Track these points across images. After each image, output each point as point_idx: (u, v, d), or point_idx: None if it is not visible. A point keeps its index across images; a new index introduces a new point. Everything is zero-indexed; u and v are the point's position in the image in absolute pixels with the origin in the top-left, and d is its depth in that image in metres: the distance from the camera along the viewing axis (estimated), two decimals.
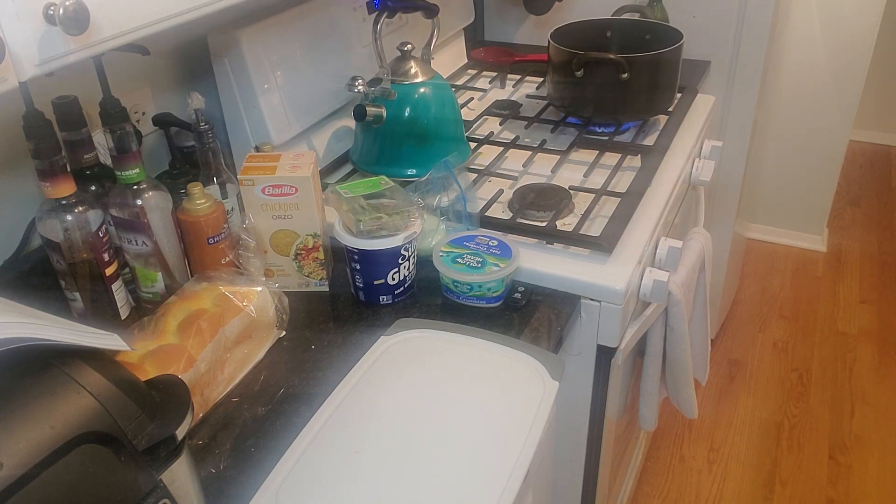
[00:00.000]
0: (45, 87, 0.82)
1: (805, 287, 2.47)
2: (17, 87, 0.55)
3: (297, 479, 0.69)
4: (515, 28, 1.84)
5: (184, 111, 1.07)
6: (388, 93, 1.14)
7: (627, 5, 1.59)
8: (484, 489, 0.67)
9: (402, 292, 0.96)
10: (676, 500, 1.77)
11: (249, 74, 1.08)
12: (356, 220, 0.91)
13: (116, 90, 0.88)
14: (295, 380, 0.85)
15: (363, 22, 1.28)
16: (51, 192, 0.80)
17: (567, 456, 1.15)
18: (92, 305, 0.87)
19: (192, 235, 0.92)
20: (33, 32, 0.55)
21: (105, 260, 0.86)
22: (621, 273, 0.96)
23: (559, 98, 1.34)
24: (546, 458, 0.92)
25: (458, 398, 0.77)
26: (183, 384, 0.56)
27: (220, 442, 0.77)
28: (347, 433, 0.74)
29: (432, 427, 0.74)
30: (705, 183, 1.34)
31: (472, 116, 1.40)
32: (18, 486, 0.41)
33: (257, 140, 1.12)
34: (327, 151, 1.26)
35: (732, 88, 1.72)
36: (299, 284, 0.99)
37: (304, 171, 0.91)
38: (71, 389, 0.46)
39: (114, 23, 0.61)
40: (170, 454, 0.52)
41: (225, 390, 0.83)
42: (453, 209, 1.03)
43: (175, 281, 0.92)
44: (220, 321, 0.81)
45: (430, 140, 1.16)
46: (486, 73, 1.64)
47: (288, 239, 0.96)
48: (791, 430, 1.63)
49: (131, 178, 0.85)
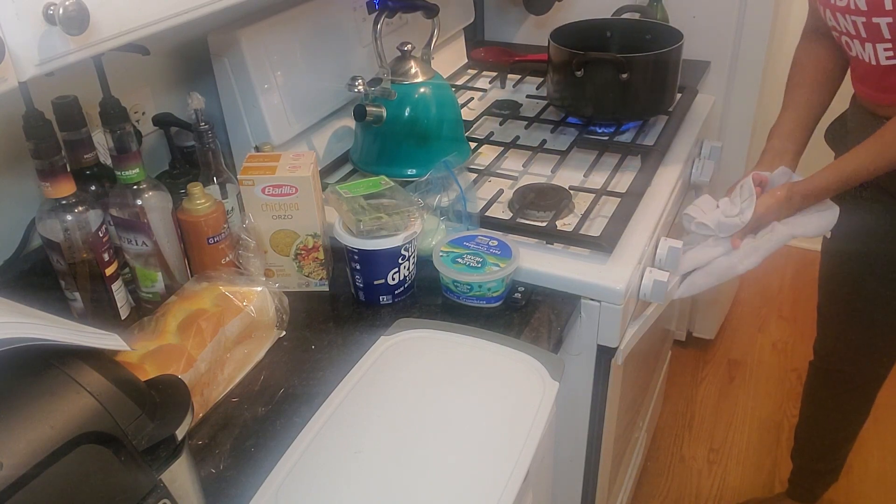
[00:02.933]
0: (45, 87, 0.82)
1: (805, 287, 2.46)
2: (16, 87, 0.55)
3: (297, 479, 0.69)
4: (515, 28, 1.84)
5: (184, 111, 1.07)
6: (388, 93, 1.14)
7: (627, 5, 1.59)
8: (484, 489, 0.67)
9: (402, 292, 0.96)
10: (676, 500, 1.77)
11: (249, 74, 1.08)
12: (356, 220, 0.91)
13: (116, 90, 0.88)
14: (295, 380, 0.85)
15: (363, 22, 1.28)
16: (51, 192, 0.80)
17: (567, 456, 1.15)
18: (92, 305, 0.87)
19: (192, 235, 0.92)
20: (33, 32, 0.55)
21: (105, 260, 0.86)
22: (621, 273, 0.96)
23: (559, 98, 1.34)
24: (546, 458, 0.91)
25: (457, 398, 0.77)
26: (183, 384, 0.56)
27: (220, 442, 0.77)
28: (347, 433, 0.74)
29: (432, 427, 0.74)
30: (705, 183, 1.34)
31: (472, 116, 1.40)
32: (18, 486, 0.41)
33: (257, 140, 1.12)
34: (327, 151, 1.26)
35: (732, 88, 1.72)
36: (299, 284, 0.99)
37: (304, 171, 0.91)
38: (71, 389, 0.46)
39: (114, 23, 0.61)
40: (170, 454, 0.52)
41: (225, 390, 0.83)
42: (453, 209, 1.03)
43: (175, 281, 0.92)
44: (220, 321, 0.81)
45: (430, 140, 1.16)
46: (486, 73, 1.64)
47: (288, 239, 0.96)
48: (791, 430, 1.63)
49: (131, 178, 0.85)
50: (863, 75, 1.11)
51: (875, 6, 0.97)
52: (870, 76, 1.09)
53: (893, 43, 1.00)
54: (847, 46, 1.09)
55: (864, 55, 1.06)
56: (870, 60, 1.05)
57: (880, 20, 0.98)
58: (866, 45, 1.04)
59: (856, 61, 1.10)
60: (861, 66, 1.09)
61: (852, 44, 1.07)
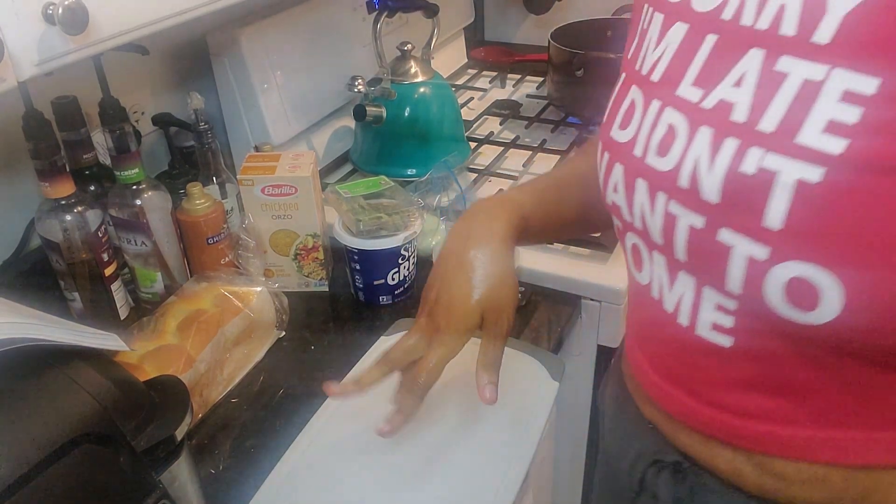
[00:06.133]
0: (44, 87, 0.82)
1: None
2: (16, 87, 0.55)
3: (296, 479, 0.69)
4: (515, 28, 1.84)
5: (183, 111, 1.06)
6: (388, 93, 1.13)
7: (627, 5, 1.59)
8: (484, 489, 0.67)
9: (402, 292, 0.96)
10: None
11: (249, 74, 1.08)
12: (356, 219, 0.91)
13: (116, 90, 0.88)
14: (295, 380, 0.85)
15: (363, 22, 1.27)
16: (50, 192, 0.79)
17: (567, 456, 1.15)
18: (91, 305, 0.87)
19: (191, 235, 0.92)
20: (32, 32, 0.55)
21: (104, 260, 0.86)
22: (622, 273, 0.96)
23: (559, 98, 1.34)
24: (546, 458, 0.91)
25: (457, 398, 0.77)
26: (182, 384, 0.55)
27: (220, 442, 0.77)
28: (347, 433, 0.74)
29: (432, 427, 0.74)
30: None
31: (472, 116, 1.40)
32: (18, 486, 0.41)
33: (257, 140, 1.12)
34: (327, 151, 1.25)
35: None
36: (299, 284, 0.99)
37: (303, 170, 0.91)
38: (70, 390, 0.46)
39: (113, 22, 0.61)
40: (169, 454, 0.52)
41: (224, 391, 0.83)
42: (453, 209, 1.03)
43: (174, 281, 0.92)
44: (220, 321, 0.81)
45: (430, 140, 1.16)
46: (486, 73, 1.64)
47: (288, 239, 0.95)
48: None
49: (131, 178, 0.85)
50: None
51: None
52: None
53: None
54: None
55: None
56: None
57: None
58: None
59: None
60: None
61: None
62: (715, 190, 0.42)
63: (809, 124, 0.38)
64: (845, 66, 0.37)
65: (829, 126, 0.37)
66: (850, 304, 0.38)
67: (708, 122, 0.43)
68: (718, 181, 0.41)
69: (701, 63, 0.44)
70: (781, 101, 0.39)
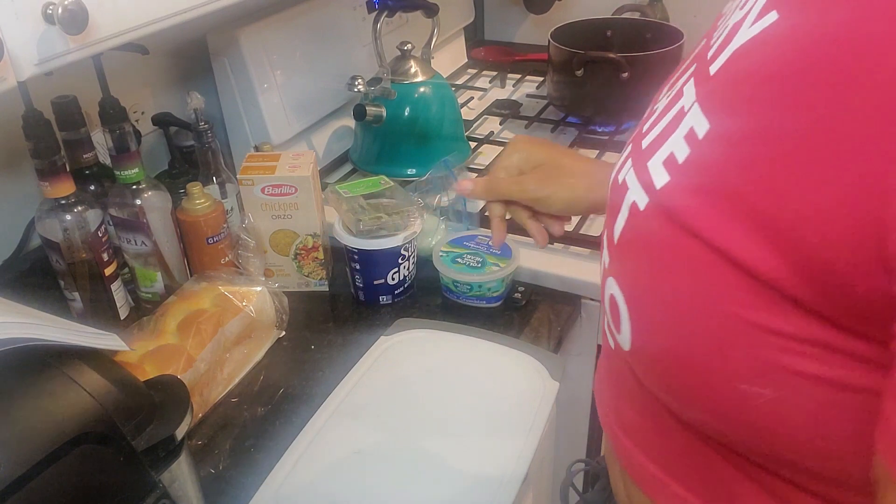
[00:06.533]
0: (44, 86, 0.82)
1: None
2: (16, 87, 0.55)
3: (296, 479, 0.69)
4: (515, 27, 1.84)
5: (183, 111, 1.06)
6: (388, 92, 1.13)
7: (627, 4, 1.58)
8: (484, 489, 0.67)
9: (401, 292, 0.96)
10: None
11: (249, 74, 1.08)
12: (356, 219, 0.91)
13: (116, 90, 0.88)
14: (295, 380, 0.85)
15: (363, 21, 1.27)
16: (50, 192, 0.79)
17: (567, 456, 1.14)
18: (91, 305, 0.87)
19: (191, 235, 0.91)
20: (32, 32, 0.55)
21: (104, 260, 0.86)
22: None
23: (559, 97, 1.34)
24: (546, 458, 0.91)
25: (457, 398, 0.77)
26: (182, 384, 0.55)
27: (220, 442, 0.77)
28: (347, 433, 0.74)
29: (432, 427, 0.74)
30: None
31: (472, 116, 1.40)
32: (18, 486, 0.41)
33: (257, 140, 1.12)
34: (327, 151, 1.25)
35: None
36: (299, 284, 0.99)
37: (303, 170, 0.91)
38: (70, 390, 0.46)
39: (113, 22, 0.61)
40: (169, 454, 0.52)
41: (224, 390, 0.83)
42: (453, 209, 1.03)
43: (174, 281, 0.92)
44: (220, 321, 0.81)
45: (429, 140, 1.16)
46: (486, 73, 1.64)
47: (288, 239, 0.95)
48: None
49: (130, 178, 0.85)
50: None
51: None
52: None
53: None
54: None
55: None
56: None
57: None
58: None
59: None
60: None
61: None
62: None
63: (660, 152, 0.37)
64: (699, 103, 0.35)
65: (667, 158, 0.36)
66: (634, 341, 0.37)
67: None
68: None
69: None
70: (663, 122, 0.38)
